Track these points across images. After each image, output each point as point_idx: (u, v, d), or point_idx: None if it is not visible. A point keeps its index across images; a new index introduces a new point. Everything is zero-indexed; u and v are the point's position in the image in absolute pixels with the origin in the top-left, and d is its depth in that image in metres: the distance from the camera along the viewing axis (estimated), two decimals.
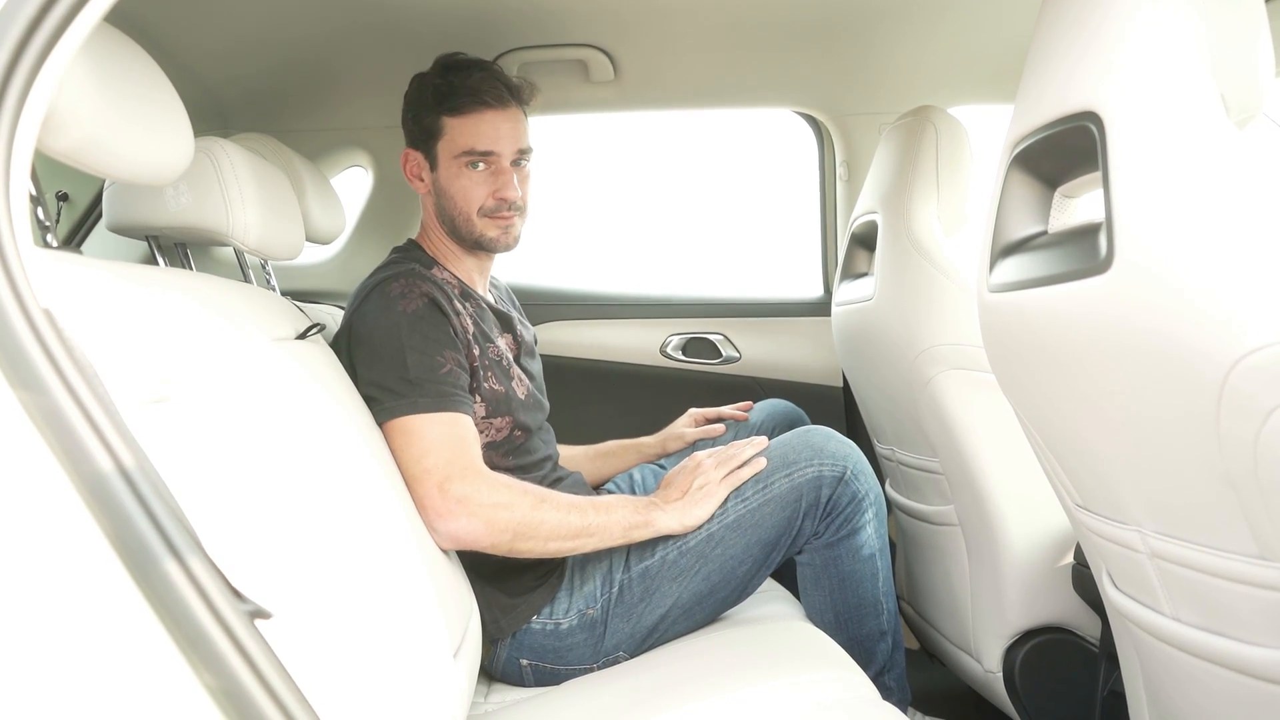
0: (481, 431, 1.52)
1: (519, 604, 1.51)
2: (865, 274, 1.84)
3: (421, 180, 1.65)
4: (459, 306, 1.54)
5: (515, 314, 1.77)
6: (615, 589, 1.51)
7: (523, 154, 1.63)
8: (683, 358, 2.44)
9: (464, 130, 1.57)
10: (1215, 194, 0.77)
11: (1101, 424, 0.95)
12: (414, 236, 1.72)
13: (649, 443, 1.97)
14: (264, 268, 1.85)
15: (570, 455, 1.94)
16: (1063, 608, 1.56)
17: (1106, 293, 0.84)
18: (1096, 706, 1.47)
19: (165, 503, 0.54)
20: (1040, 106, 0.97)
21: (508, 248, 1.65)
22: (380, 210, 2.41)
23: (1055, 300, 0.93)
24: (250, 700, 0.53)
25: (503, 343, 1.63)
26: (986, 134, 1.84)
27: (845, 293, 1.91)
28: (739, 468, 1.54)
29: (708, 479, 1.53)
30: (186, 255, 1.47)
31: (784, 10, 1.92)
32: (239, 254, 1.53)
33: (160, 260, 1.39)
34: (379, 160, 2.35)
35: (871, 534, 1.54)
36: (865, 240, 1.85)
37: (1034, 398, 1.08)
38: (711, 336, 2.44)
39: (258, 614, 0.66)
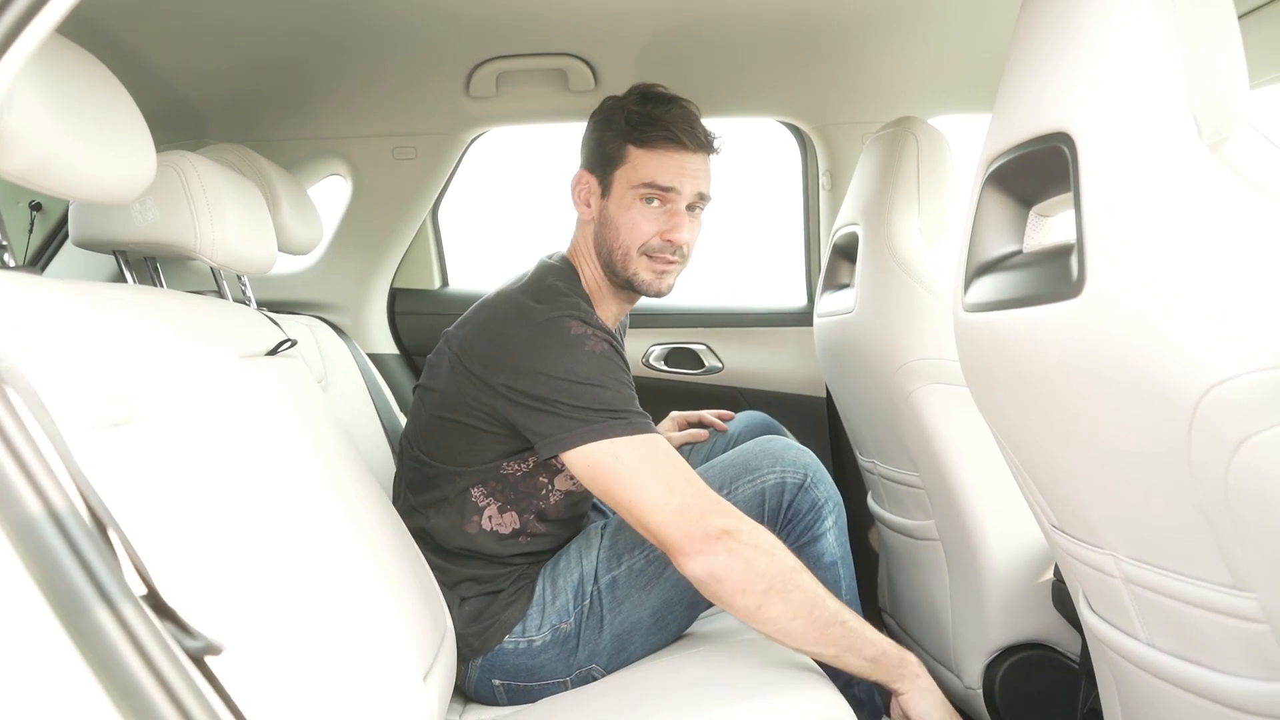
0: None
1: (491, 625, 1.49)
2: (846, 285, 1.83)
3: (588, 205, 1.56)
4: (624, 359, 1.47)
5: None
6: (587, 601, 1.49)
7: (701, 199, 1.55)
8: (665, 368, 2.43)
9: (648, 162, 1.50)
10: (1184, 220, 0.75)
11: (1074, 449, 0.94)
12: (566, 253, 1.62)
13: None
14: (240, 279, 1.84)
15: None
16: (1043, 624, 1.55)
17: (1077, 318, 0.83)
18: None
19: (96, 545, 0.53)
20: (1014, 124, 0.95)
21: (659, 294, 1.57)
22: (359, 219, 2.39)
23: (1027, 323, 0.92)
24: None
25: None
26: (969, 144, 1.83)
27: (827, 304, 1.90)
28: None
29: None
30: (156, 270, 1.45)
31: (766, 20, 1.91)
32: (213, 267, 1.52)
33: (129, 276, 1.37)
34: (357, 169, 2.34)
35: (832, 541, 1.53)
36: (847, 251, 1.84)
37: (1008, 419, 1.07)
38: (694, 346, 2.43)
39: (209, 650, 0.65)
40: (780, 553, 1.31)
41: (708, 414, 1.96)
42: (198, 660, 0.65)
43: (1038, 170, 0.93)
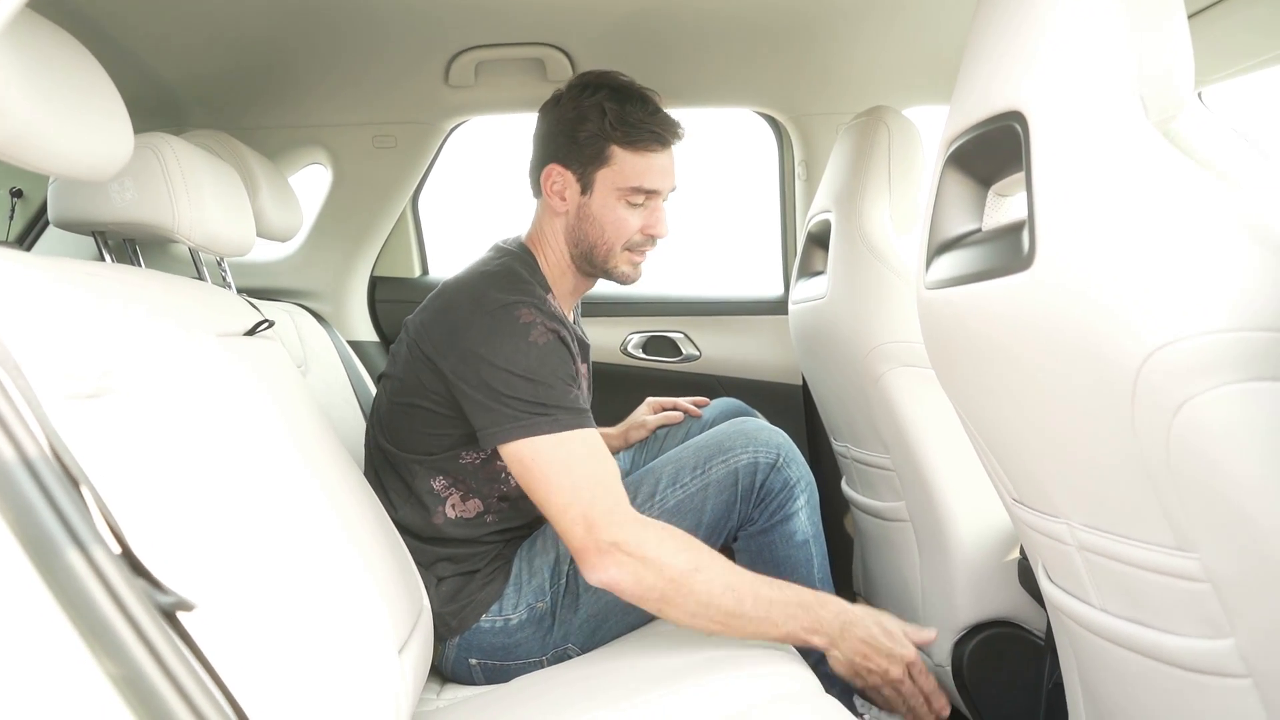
0: None
1: (468, 604, 1.51)
2: (820, 272, 1.86)
3: (563, 199, 1.57)
4: (573, 350, 1.50)
5: (588, 343, 1.73)
6: (563, 580, 1.52)
7: (672, 191, 1.61)
8: (643, 356, 2.45)
9: (636, 166, 1.53)
10: (1128, 195, 0.78)
11: (1028, 418, 0.97)
12: (524, 239, 1.63)
13: (611, 434, 1.98)
14: (220, 265, 1.85)
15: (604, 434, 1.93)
16: (1010, 602, 1.58)
17: (1028, 289, 0.86)
18: (1042, 698, 1.49)
19: (70, 494, 0.54)
20: (971, 105, 0.98)
21: (632, 282, 1.63)
22: (340, 207, 2.41)
23: (983, 296, 0.94)
24: (152, 688, 0.53)
25: (581, 371, 1.60)
26: (940, 134, 1.86)
27: (801, 291, 1.93)
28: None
29: (890, 669, 1.34)
30: (135, 252, 1.47)
31: (742, 12, 1.93)
32: (193, 251, 1.53)
33: (107, 257, 1.38)
34: (337, 157, 2.35)
35: (804, 520, 1.56)
36: (820, 239, 1.87)
37: (968, 393, 1.10)
38: (672, 335, 2.45)
39: (180, 605, 0.67)
40: (670, 560, 1.32)
41: (682, 400, 1.99)
42: (169, 616, 0.67)
43: (994, 149, 0.96)
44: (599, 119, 1.51)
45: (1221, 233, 0.75)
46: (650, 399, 2.02)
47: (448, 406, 1.46)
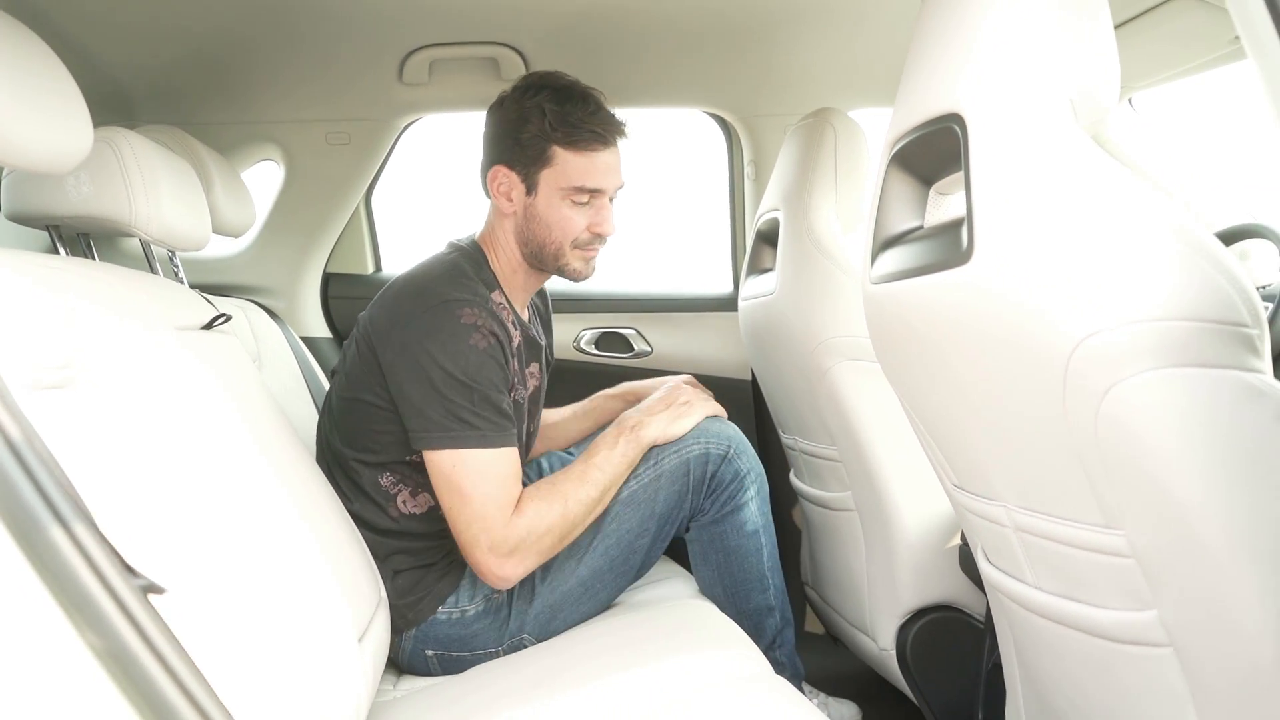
0: None
1: (424, 596, 1.53)
2: (769, 269, 1.90)
3: (509, 200, 1.59)
4: (511, 349, 1.53)
5: (543, 339, 1.76)
6: None
7: (619, 189, 1.63)
8: (596, 351, 2.48)
9: (578, 166, 1.55)
10: (1058, 193, 0.84)
11: (967, 406, 1.02)
12: (477, 237, 1.66)
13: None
14: (172, 260, 1.84)
15: (561, 418, 1.98)
16: (951, 587, 1.63)
17: (967, 283, 0.91)
18: (981, 678, 1.55)
19: (52, 473, 0.56)
20: (914, 107, 1.03)
21: (585, 278, 1.65)
22: (292, 203, 2.40)
23: (925, 290, 0.99)
24: (135, 660, 0.55)
25: (529, 372, 1.64)
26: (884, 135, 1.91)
27: (750, 288, 1.97)
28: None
29: (689, 397, 1.64)
30: (89, 246, 1.47)
31: (693, 15, 1.97)
32: (145, 246, 1.53)
33: (62, 250, 1.38)
34: (290, 154, 2.35)
35: (754, 511, 1.61)
36: (769, 237, 1.91)
37: (912, 383, 1.15)
38: (624, 331, 2.49)
39: (150, 589, 0.68)
40: (550, 523, 1.46)
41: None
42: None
43: (935, 150, 1.01)
44: (540, 120, 1.53)
45: (1142, 231, 0.80)
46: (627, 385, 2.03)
47: (390, 403, 1.49)
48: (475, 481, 1.43)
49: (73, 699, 0.56)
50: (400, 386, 1.44)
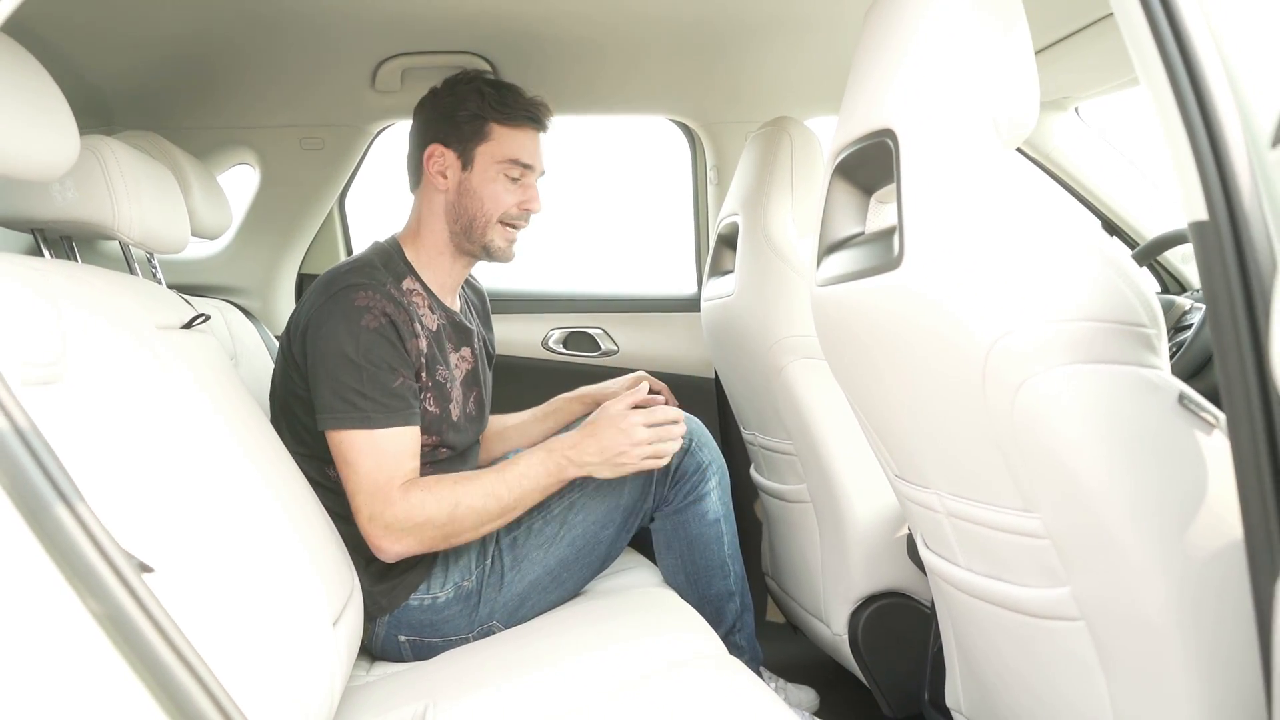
0: None
1: (396, 584, 1.59)
2: (729, 271, 1.98)
3: (444, 176, 1.67)
4: (418, 328, 1.58)
5: (476, 325, 1.82)
6: (489, 560, 1.61)
7: (541, 176, 1.73)
8: (564, 351, 2.55)
9: (513, 141, 1.65)
10: (979, 203, 0.92)
11: (903, 400, 1.10)
12: (398, 234, 1.73)
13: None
14: (150, 261, 1.89)
15: (520, 421, 2.03)
16: (900, 574, 1.72)
17: (897, 286, 0.99)
18: (928, 660, 1.63)
19: (54, 456, 0.63)
20: (853, 121, 1.11)
21: (507, 259, 1.72)
22: (267, 206, 2.45)
23: (863, 293, 1.07)
24: (131, 624, 0.62)
25: (455, 359, 1.69)
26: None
27: (712, 289, 2.05)
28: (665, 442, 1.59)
29: (629, 453, 1.55)
30: (72, 248, 1.52)
31: (658, 26, 2.03)
32: (124, 248, 1.57)
33: (46, 252, 1.43)
34: (265, 158, 2.40)
35: (716, 501, 1.69)
36: (730, 240, 1.99)
37: (855, 379, 1.23)
38: (591, 330, 2.56)
39: (142, 568, 0.75)
40: (434, 513, 1.49)
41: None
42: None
43: (873, 162, 1.09)
44: (478, 100, 1.64)
45: (1053, 240, 0.89)
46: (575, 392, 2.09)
47: (310, 394, 1.55)
48: (356, 458, 1.49)
49: (75, 658, 0.62)
50: (310, 374, 1.52)
